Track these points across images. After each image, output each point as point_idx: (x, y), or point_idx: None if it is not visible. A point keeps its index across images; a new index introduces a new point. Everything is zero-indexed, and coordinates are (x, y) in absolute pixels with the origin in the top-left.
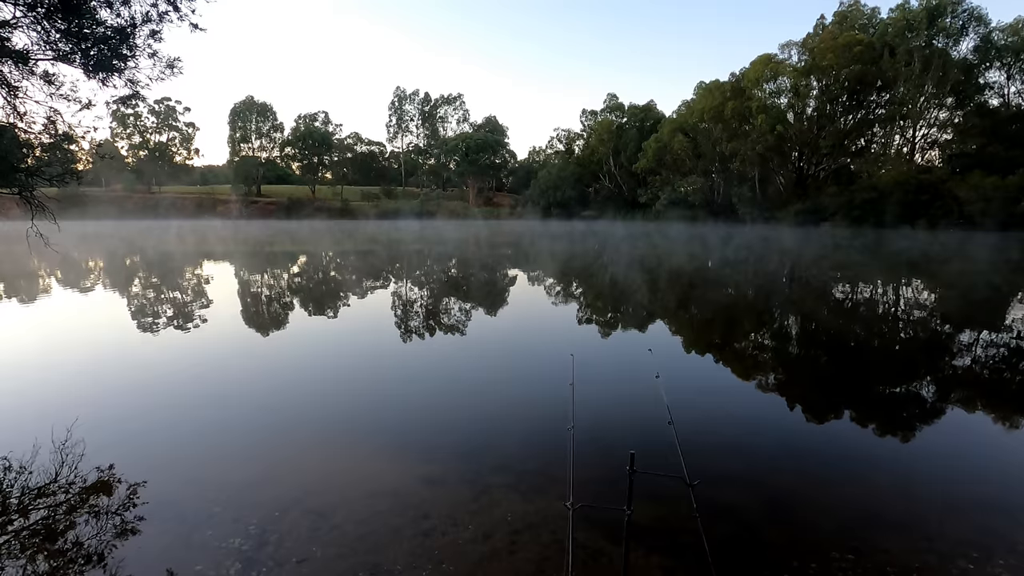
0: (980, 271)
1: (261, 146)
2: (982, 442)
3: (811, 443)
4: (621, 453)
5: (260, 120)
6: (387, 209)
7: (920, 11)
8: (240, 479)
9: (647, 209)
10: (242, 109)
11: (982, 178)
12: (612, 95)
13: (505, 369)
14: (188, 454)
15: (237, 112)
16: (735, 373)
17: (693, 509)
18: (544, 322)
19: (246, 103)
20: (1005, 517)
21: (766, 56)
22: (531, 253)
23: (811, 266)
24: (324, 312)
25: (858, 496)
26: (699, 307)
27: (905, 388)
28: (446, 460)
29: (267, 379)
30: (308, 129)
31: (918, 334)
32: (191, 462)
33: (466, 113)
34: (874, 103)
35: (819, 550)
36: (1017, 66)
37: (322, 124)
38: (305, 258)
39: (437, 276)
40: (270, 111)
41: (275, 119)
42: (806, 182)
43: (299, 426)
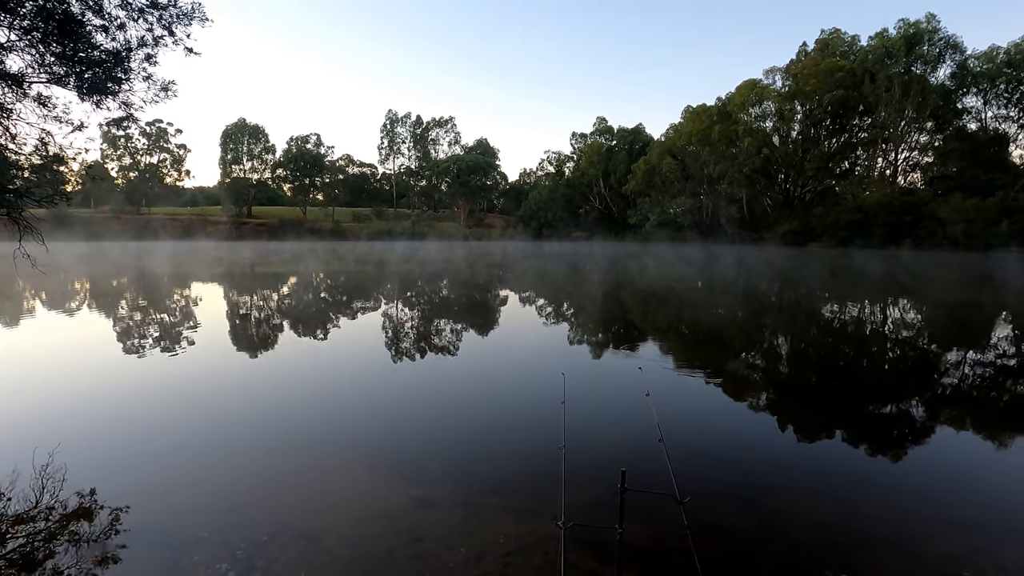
0: (948, 291)
1: (252, 167)
2: (968, 460)
3: (802, 461)
4: (612, 471)
5: (252, 142)
6: (378, 230)
7: (898, 39)
8: (227, 503)
9: (637, 230)
10: (234, 131)
11: (963, 200)
12: (601, 118)
13: (497, 389)
14: (173, 478)
15: (229, 134)
16: (725, 391)
17: (684, 527)
18: (535, 341)
19: (238, 125)
20: (992, 535)
21: (751, 81)
22: (521, 274)
23: (798, 286)
24: (312, 333)
25: (849, 514)
26: (688, 326)
27: (893, 406)
28: (438, 481)
29: (254, 401)
30: (300, 151)
31: (902, 352)
32: (176, 486)
33: (457, 135)
34: (857, 127)
35: (812, 569)
36: (993, 92)
37: (314, 146)
38: (294, 279)
39: (427, 297)
40: (262, 133)
41: (267, 141)
42: (792, 203)
43: (288, 448)
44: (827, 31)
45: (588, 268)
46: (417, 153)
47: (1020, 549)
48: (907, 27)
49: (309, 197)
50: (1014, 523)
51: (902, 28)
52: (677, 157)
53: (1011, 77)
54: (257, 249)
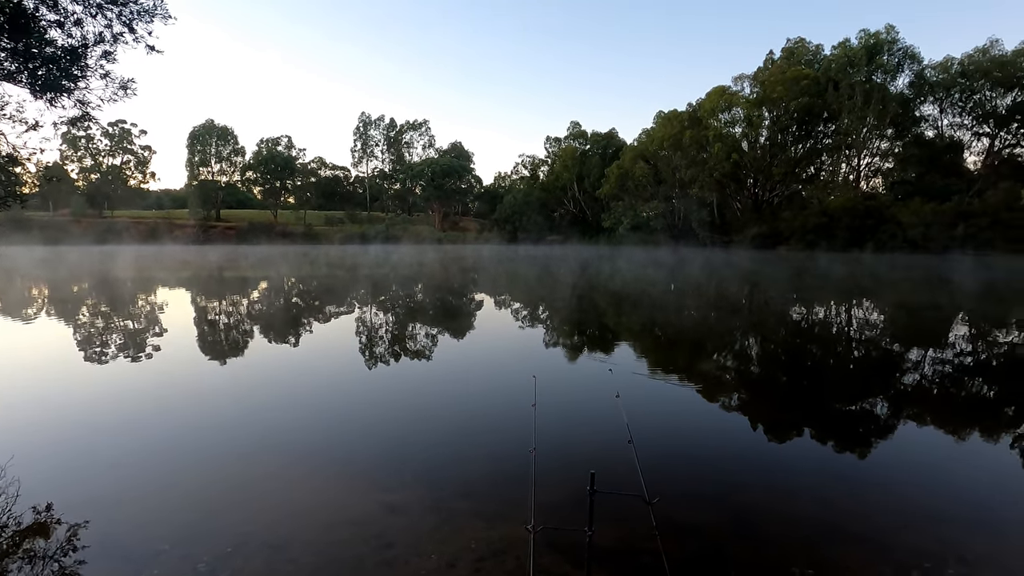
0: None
1: (221, 170)
2: (936, 454)
3: (772, 458)
4: (582, 473)
5: (220, 144)
6: (352, 233)
7: (860, 49)
8: (192, 513)
9: (611, 233)
10: (201, 132)
11: (922, 204)
12: (575, 123)
13: (468, 392)
14: (136, 488)
15: (196, 135)
16: (694, 392)
17: (653, 528)
18: (507, 344)
19: (206, 126)
20: (958, 527)
21: (720, 88)
22: (495, 277)
23: (766, 288)
24: (284, 338)
25: (820, 509)
26: (658, 327)
27: (861, 404)
28: (409, 486)
29: (217, 408)
30: (270, 153)
31: (867, 351)
32: (139, 496)
33: (432, 139)
34: (821, 133)
35: (781, 566)
36: (948, 100)
37: (285, 148)
38: (265, 283)
39: (401, 301)
40: (231, 135)
41: (236, 143)
42: (761, 207)
43: (259, 454)
44: (793, 40)
45: (561, 271)
46: (391, 156)
47: (983, 540)
48: (868, 37)
49: (280, 200)
50: (978, 515)
51: (863, 38)
52: (649, 161)
53: (964, 87)
54: (226, 253)
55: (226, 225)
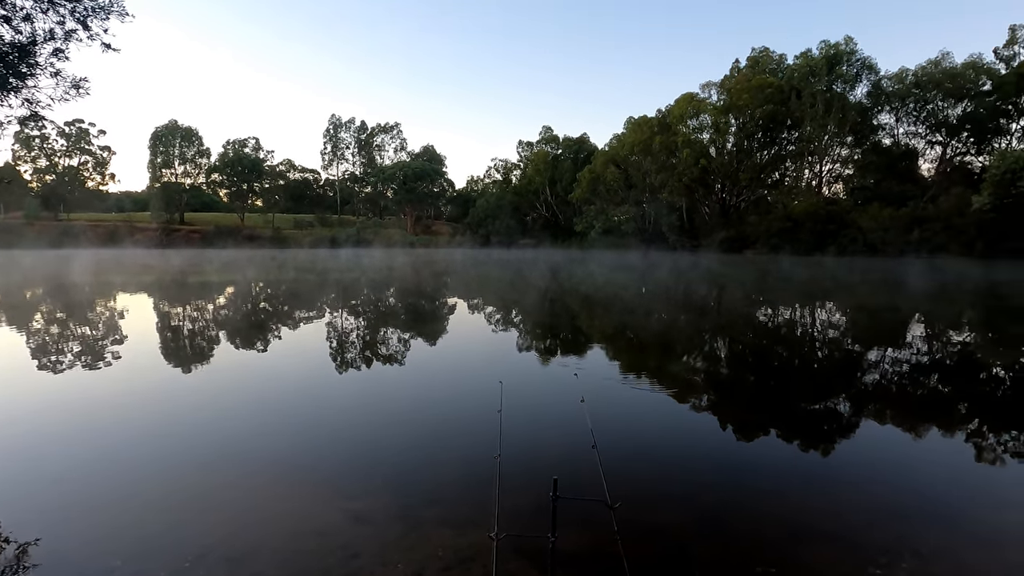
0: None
1: (185, 172)
2: (896, 451)
3: (739, 459)
4: (547, 479)
5: (184, 145)
6: (322, 237)
7: (821, 59)
8: (146, 528)
9: (583, 237)
10: (164, 133)
11: (880, 209)
12: (547, 127)
13: (434, 398)
14: (85, 503)
15: (159, 136)
16: (661, 394)
17: (614, 532)
18: (474, 349)
19: (169, 127)
20: (914, 522)
21: (689, 95)
22: (466, 281)
23: (733, 291)
24: (243, 344)
25: (786, 507)
26: (626, 329)
27: (827, 403)
28: (375, 495)
29: (178, 416)
30: (237, 155)
31: (831, 352)
32: (89, 512)
33: (404, 142)
34: (785, 140)
35: (746, 565)
36: (903, 110)
37: (252, 150)
38: (231, 288)
39: (372, 305)
40: (195, 135)
41: (201, 144)
42: (729, 212)
43: (213, 465)
44: (757, 49)
45: (532, 275)
46: (362, 159)
47: (938, 535)
48: (828, 48)
49: (247, 203)
50: (936, 510)
51: (824, 49)
52: (620, 166)
53: (918, 97)
54: (190, 257)
55: (190, 228)
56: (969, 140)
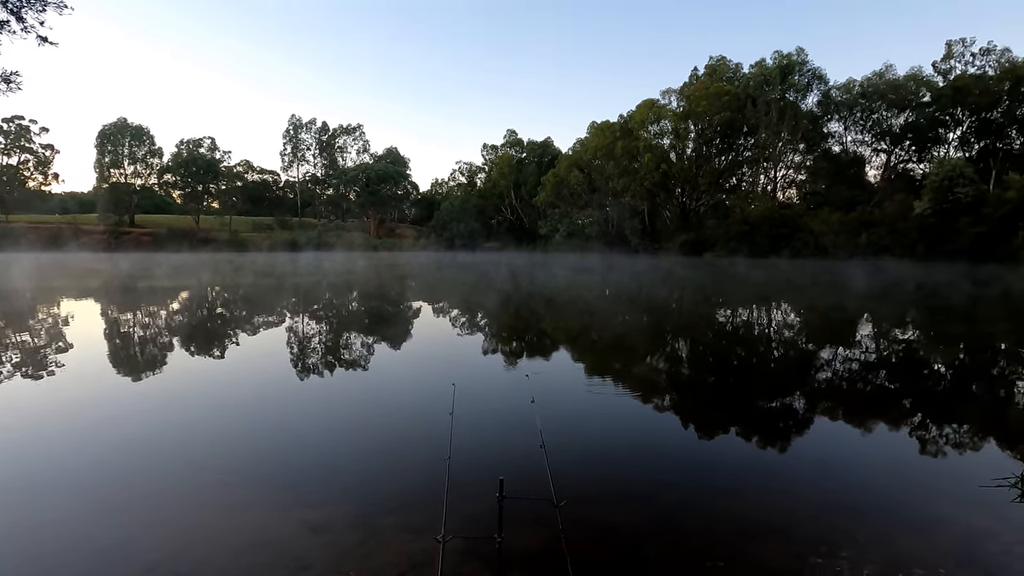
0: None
1: (136, 172)
2: (844, 446)
3: (691, 457)
4: (496, 481)
5: (135, 144)
6: (281, 240)
7: (774, 68)
8: (94, 543)
9: (547, 240)
10: (113, 132)
11: (830, 214)
12: (512, 131)
13: (390, 403)
14: (23, 521)
15: (107, 134)
16: (614, 393)
17: (560, 530)
18: (430, 352)
19: (118, 125)
20: (851, 514)
21: (650, 101)
22: (428, 285)
23: (691, 291)
24: (196, 351)
25: (735, 507)
26: (580, 331)
27: (779, 402)
28: (333, 503)
29: (124, 427)
30: (191, 155)
31: (785, 351)
32: (27, 530)
33: (366, 144)
34: (742, 146)
35: (697, 561)
36: (851, 119)
37: (208, 150)
38: (181, 293)
39: (326, 310)
40: (146, 134)
41: (152, 143)
42: (689, 216)
43: (163, 477)
44: (715, 58)
45: (494, 278)
46: (323, 161)
47: (876, 524)
48: (781, 58)
49: (203, 205)
50: (877, 502)
51: (777, 59)
52: (584, 170)
53: (864, 107)
54: (141, 261)
55: (141, 231)
56: (911, 148)
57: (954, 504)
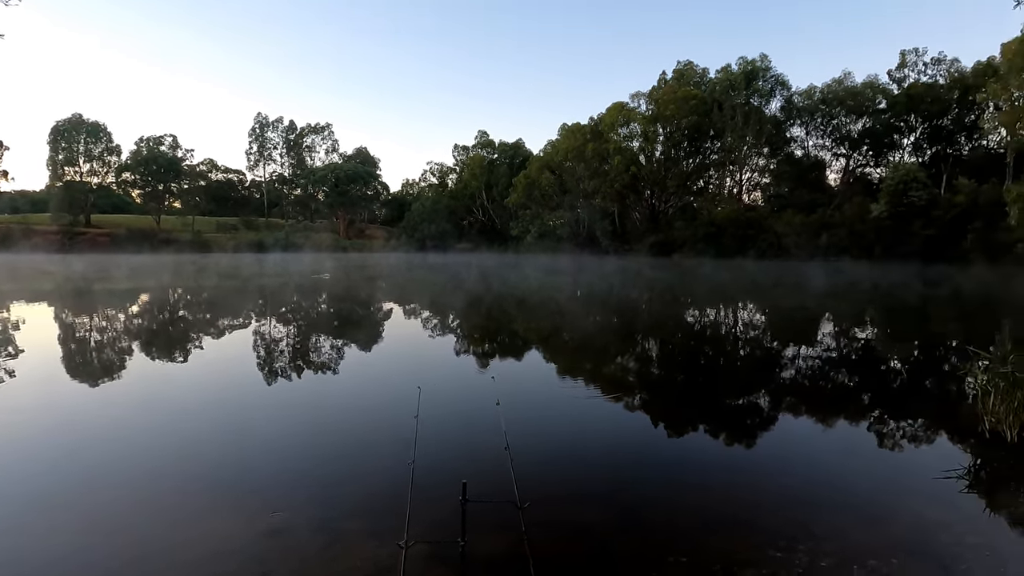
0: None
1: (92, 170)
2: (806, 442)
3: (655, 456)
4: (460, 484)
5: (91, 141)
6: (247, 241)
7: (739, 74)
8: (44, 555)
9: (519, 242)
10: (67, 128)
11: (793, 216)
12: (483, 132)
13: (352, 407)
14: None
15: (60, 131)
16: (578, 394)
17: (523, 532)
18: (397, 355)
19: (72, 121)
20: (810, 507)
21: (619, 104)
22: (397, 287)
23: (659, 291)
24: (154, 355)
25: (699, 503)
26: (547, 332)
27: (741, 398)
28: (292, 508)
29: (84, 432)
30: (152, 153)
31: (750, 349)
32: None
33: (335, 143)
34: (708, 149)
35: (659, 557)
36: (812, 124)
37: (169, 148)
38: (146, 296)
39: (292, 313)
40: (103, 131)
41: (110, 140)
42: (658, 217)
43: (125, 483)
44: (683, 63)
45: (466, 280)
46: (291, 160)
47: (832, 517)
48: (746, 64)
49: (164, 205)
50: (833, 495)
51: (742, 65)
52: (555, 172)
53: (825, 112)
54: (97, 262)
55: (99, 232)
56: (868, 153)
57: (907, 496)
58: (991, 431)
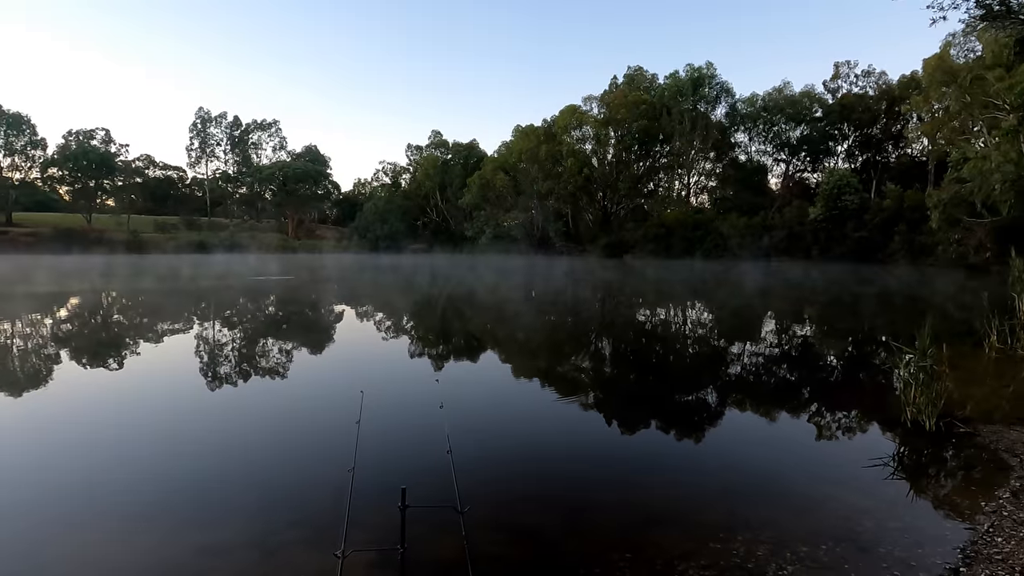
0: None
1: (13, 165)
2: (745, 436)
3: (600, 454)
4: (400, 490)
5: (11, 133)
6: (188, 242)
7: (687, 80)
8: None
9: (474, 242)
10: None
11: (737, 218)
12: (436, 132)
13: (292, 414)
14: None
15: None
16: (523, 395)
17: (463, 536)
18: (338, 359)
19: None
20: (748, 500)
21: (572, 106)
22: (346, 287)
23: (608, 291)
24: (73, 362)
25: (639, 498)
26: (490, 333)
27: (688, 396)
28: (228, 522)
29: (10, 452)
30: (82, 148)
31: (695, 348)
32: None
33: (283, 140)
34: (658, 153)
35: (602, 555)
36: (755, 130)
37: (102, 143)
38: (76, 299)
39: (225, 316)
40: (25, 123)
41: (34, 133)
42: (610, 219)
43: (41, 503)
44: (633, 68)
45: (415, 281)
46: (236, 157)
47: (767, 508)
48: (693, 71)
49: (96, 203)
50: (768, 487)
51: (689, 72)
52: (509, 173)
53: (766, 120)
54: (18, 264)
55: (21, 231)
56: (806, 159)
57: (836, 486)
58: (912, 421)
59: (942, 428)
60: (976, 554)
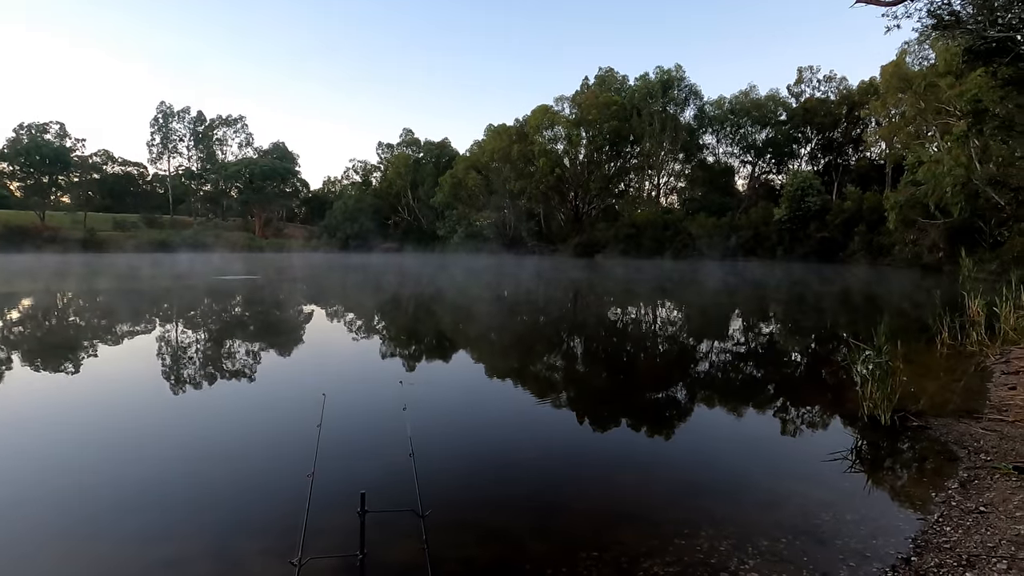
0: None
1: None
2: (711, 434)
3: (560, 455)
4: (359, 495)
5: None
6: (149, 241)
7: (656, 82)
8: None
9: (446, 241)
10: None
11: (705, 219)
12: (408, 130)
13: (251, 418)
14: None
15: None
16: (488, 396)
17: (423, 541)
18: (299, 362)
19: None
20: (712, 496)
21: (544, 107)
22: (313, 286)
23: (577, 290)
24: (22, 365)
25: (607, 497)
26: (455, 334)
27: (656, 395)
28: (183, 532)
29: None
30: (34, 141)
31: (665, 347)
32: None
33: (250, 137)
34: (629, 154)
35: (571, 553)
36: (722, 132)
37: (56, 137)
38: (28, 300)
39: (185, 318)
40: None
41: None
42: (581, 218)
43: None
44: (604, 69)
45: (385, 281)
46: (199, 153)
47: (729, 504)
48: (662, 73)
49: (50, 199)
50: (730, 482)
51: (659, 74)
52: (481, 172)
53: (733, 122)
54: None
55: None
56: (771, 161)
57: (798, 480)
58: (869, 416)
59: (897, 422)
60: (926, 543)
